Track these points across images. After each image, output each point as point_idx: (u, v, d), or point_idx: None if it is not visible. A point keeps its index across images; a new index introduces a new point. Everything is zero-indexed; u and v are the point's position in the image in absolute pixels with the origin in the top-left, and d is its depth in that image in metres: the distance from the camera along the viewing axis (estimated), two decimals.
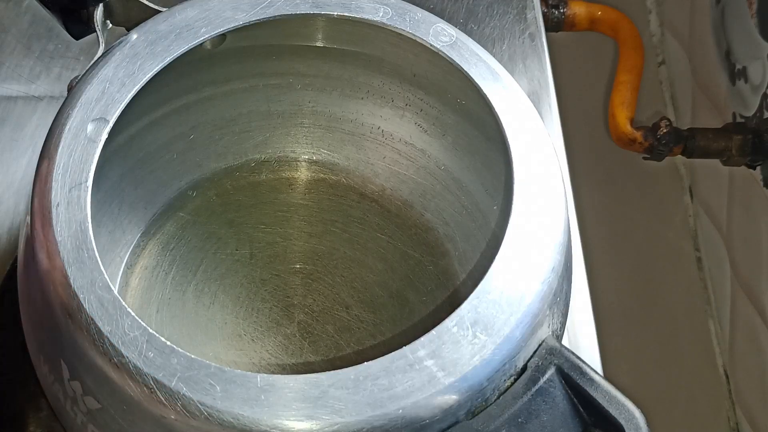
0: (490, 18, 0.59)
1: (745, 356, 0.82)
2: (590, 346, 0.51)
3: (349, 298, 0.49)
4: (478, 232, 0.48)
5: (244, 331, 0.48)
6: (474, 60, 0.43)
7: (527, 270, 0.38)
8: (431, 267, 0.50)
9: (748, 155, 0.71)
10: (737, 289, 0.82)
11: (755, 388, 0.80)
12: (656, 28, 0.98)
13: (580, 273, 0.53)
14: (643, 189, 0.98)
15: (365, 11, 0.44)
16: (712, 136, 0.72)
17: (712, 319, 0.91)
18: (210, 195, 0.52)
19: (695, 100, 0.89)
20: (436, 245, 0.50)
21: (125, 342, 0.35)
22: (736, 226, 0.81)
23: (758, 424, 0.80)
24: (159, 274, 0.49)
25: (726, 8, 0.76)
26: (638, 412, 0.36)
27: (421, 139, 0.51)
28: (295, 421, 0.34)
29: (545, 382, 0.37)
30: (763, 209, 0.72)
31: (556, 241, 0.39)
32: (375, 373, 0.35)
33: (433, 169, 0.51)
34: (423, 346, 0.35)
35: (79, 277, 0.37)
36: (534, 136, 0.42)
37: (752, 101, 0.72)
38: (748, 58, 0.72)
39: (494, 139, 0.43)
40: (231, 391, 0.34)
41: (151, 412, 0.35)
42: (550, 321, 0.39)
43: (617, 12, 0.73)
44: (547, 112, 0.57)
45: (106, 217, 0.46)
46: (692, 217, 0.95)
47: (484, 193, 0.48)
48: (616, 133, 0.72)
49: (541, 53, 0.59)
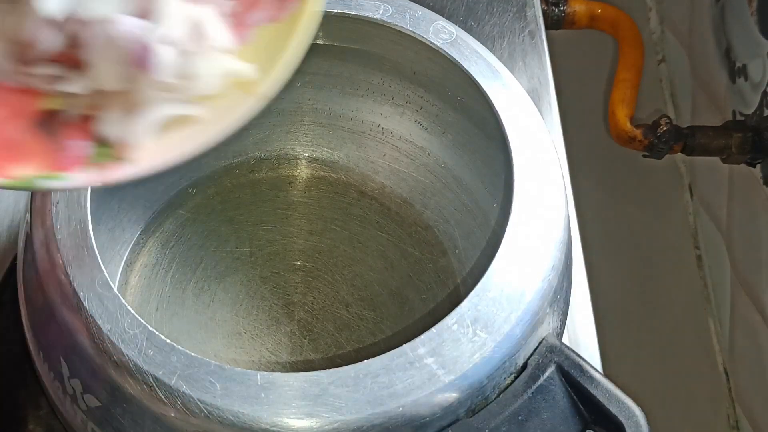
0: (489, 16, 0.59)
1: (744, 354, 0.82)
2: (590, 344, 0.51)
3: (349, 296, 0.49)
4: (478, 230, 0.48)
5: (243, 329, 0.48)
6: (474, 58, 0.43)
7: (527, 268, 0.38)
8: (431, 265, 0.50)
9: (748, 153, 0.71)
10: (737, 287, 0.82)
11: (755, 386, 0.80)
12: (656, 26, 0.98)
13: (580, 271, 0.53)
14: (642, 187, 0.98)
15: (365, 9, 0.44)
16: (712, 133, 0.71)
17: (711, 317, 0.91)
18: (210, 193, 0.52)
19: (695, 98, 0.89)
20: (436, 243, 0.50)
21: (125, 340, 0.35)
22: (736, 224, 0.81)
23: (758, 422, 0.80)
24: (159, 272, 0.49)
25: (726, 6, 0.76)
26: (638, 410, 0.36)
27: (421, 136, 0.51)
28: (295, 419, 0.34)
29: (545, 379, 0.37)
30: (763, 207, 0.72)
31: (556, 239, 0.39)
32: (375, 370, 0.35)
33: (433, 166, 0.51)
34: (423, 343, 0.35)
35: (79, 274, 0.37)
36: (534, 133, 0.42)
37: (752, 99, 0.72)
38: (748, 56, 0.72)
39: (494, 137, 0.43)
40: (231, 389, 0.34)
41: (151, 410, 0.35)
42: (550, 319, 0.39)
43: (617, 10, 0.73)
44: (547, 110, 0.57)
45: (105, 214, 0.46)
46: (692, 215, 0.95)
47: (484, 191, 0.48)
48: (616, 131, 0.72)
49: (540, 51, 0.59)
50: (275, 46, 0.34)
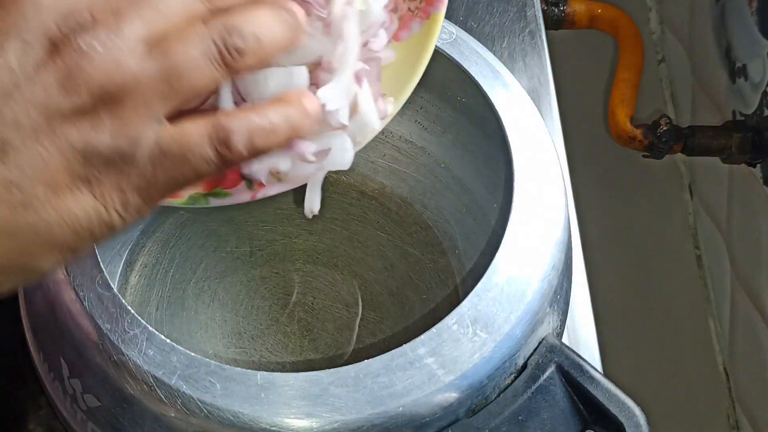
0: (490, 16, 0.59)
1: (744, 354, 0.82)
2: (590, 344, 0.51)
3: (349, 296, 0.49)
4: (478, 230, 0.48)
5: (243, 329, 0.48)
6: (474, 58, 0.43)
7: (527, 268, 0.38)
8: (431, 265, 0.50)
9: (748, 153, 0.71)
10: (737, 287, 0.82)
11: (755, 386, 0.80)
12: (656, 26, 0.98)
13: (580, 271, 0.53)
14: (642, 187, 0.98)
15: None
16: (712, 133, 0.71)
17: (711, 316, 0.91)
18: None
19: (695, 98, 0.89)
20: (436, 243, 0.50)
21: (125, 340, 0.35)
22: (736, 224, 0.81)
23: (758, 421, 0.80)
24: (159, 271, 0.49)
25: (726, 6, 0.76)
26: (638, 410, 0.36)
27: (421, 136, 0.50)
28: (295, 418, 0.34)
29: (545, 379, 0.37)
30: (763, 207, 0.72)
31: (556, 239, 0.39)
32: (375, 370, 0.35)
33: (433, 166, 0.50)
34: (423, 344, 0.35)
35: (79, 274, 0.37)
36: (534, 133, 0.42)
37: (752, 99, 0.72)
38: (748, 56, 0.72)
39: (494, 137, 0.43)
40: (231, 389, 0.34)
41: (150, 410, 0.35)
42: (550, 318, 0.39)
43: (617, 10, 0.73)
44: (547, 110, 0.57)
45: None
46: (692, 215, 0.95)
47: (484, 191, 0.48)
48: (616, 131, 0.72)
49: (541, 51, 0.58)
50: (397, 66, 0.36)
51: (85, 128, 0.27)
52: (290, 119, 0.29)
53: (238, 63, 0.28)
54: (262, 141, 0.29)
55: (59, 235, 0.27)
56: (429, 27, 0.36)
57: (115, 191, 0.27)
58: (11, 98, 0.26)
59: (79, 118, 0.27)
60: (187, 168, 0.28)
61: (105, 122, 0.27)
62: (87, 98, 0.26)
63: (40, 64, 0.26)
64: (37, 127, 0.26)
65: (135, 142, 0.27)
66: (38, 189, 0.26)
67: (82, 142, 0.27)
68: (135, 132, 0.27)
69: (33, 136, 0.26)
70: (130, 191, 0.28)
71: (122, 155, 0.27)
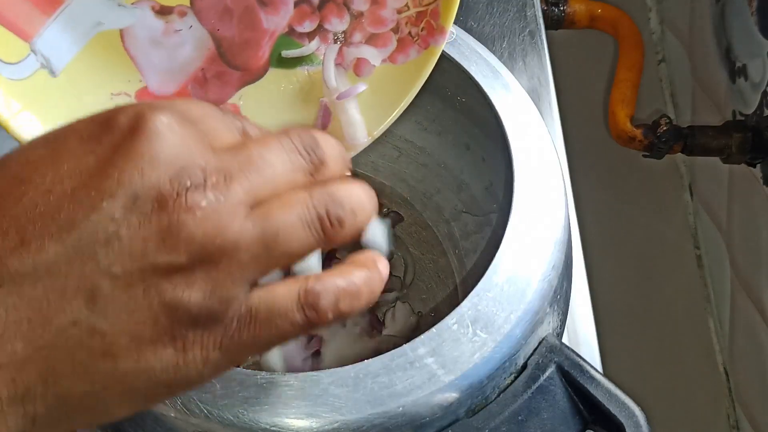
0: (489, 16, 0.59)
1: (744, 354, 0.82)
2: (590, 344, 0.51)
3: None
4: (478, 230, 0.48)
5: None
6: (474, 57, 0.43)
7: (527, 268, 0.38)
8: (431, 265, 0.50)
9: (748, 153, 0.71)
10: (737, 287, 0.82)
11: (755, 386, 0.80)
12: (656, 26, 0.98)
13: (580, 271, 0.53)
14: (642, 187, 0.98)
15: None
16: (712, 133, 0.71)
17: (711, 316, 0.91)
18: None
19: (695, 98, 0.89)
20: (436, 243, 0.50)
21: None
22: (736, 224, 0.81)
23: (758, 421, 0.80)
24: None
25: (726, 6, 0.76)
26: (638, 410, 0.36)
27: (421, 136, 0.50)
28: (295, 419, 0.34)
29: (545, 379, 0.37)
30: (763, 207, 0.72)
31: (556, 239, 0.39)
32: (375, 370, 0.35)
33: (433, 166, 0.50)
34: (423, 343, 0.35)
35: None
36: (534, 133, 0.42)
37: (752, 99, 0.72)
38: (748, 56, 0.72)
39: (494, 137, 0.43)
40: (231, 389, 0.34)
41: (150, 410, 0.35)
42: (550, 319, 0.39)
43: (617, 10, 0.73)
44: (547, 110, 0.57)
45: None
46: (692, 215, 0.95)
47: (483, 191, 0.48)
48: (616, 131, 0.72)
49: (541, 51, 0.58)
50: (386, 87, 0.36)
51: (179, 285, 0.26)
52: (371, 284, 0.30)
53: (336, 232, 0.29)
54: (347, 305, 0.29)
55: (135, 385, 0.27)
56: (425, 57, 0.36)
57: (198, 347, 0.27)
58: (110, 247, 0.26)
59: (174, 274, 0.26)
60: (273, 330, 0.28)
61: (199, 281, 0.26)
62: (185, 256, 0.26)
63: (145, 217, 0.26)
64: (130, 278, 0.26)
65: (226, 303, 0.27)
66: (122, 339, 0.26)
67: (174, 298, 0.26)
68: (227, 293, 0.27)
69: (124, 286, 0.26)
70: (213, 349, 0.27)
71: (211, 315, 0.27)
